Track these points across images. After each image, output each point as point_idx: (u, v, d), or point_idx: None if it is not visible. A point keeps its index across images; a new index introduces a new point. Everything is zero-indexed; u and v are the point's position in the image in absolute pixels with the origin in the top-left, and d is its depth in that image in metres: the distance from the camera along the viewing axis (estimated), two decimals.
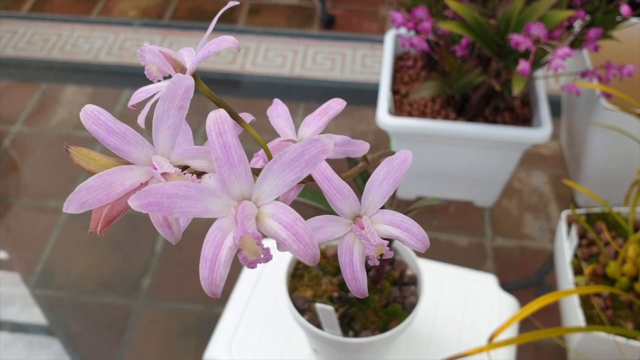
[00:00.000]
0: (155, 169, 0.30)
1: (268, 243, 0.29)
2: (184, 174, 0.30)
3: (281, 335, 0.73)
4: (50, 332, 0.99)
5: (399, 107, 1.04)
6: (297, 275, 0.64)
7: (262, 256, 0.27)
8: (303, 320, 0.59)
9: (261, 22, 1.66)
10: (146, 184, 0.30)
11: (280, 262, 0.66)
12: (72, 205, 0.29)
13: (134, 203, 0.27)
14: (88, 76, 1.49)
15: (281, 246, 0.30)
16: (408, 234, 0.34)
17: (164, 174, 0.29)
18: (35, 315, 1.01)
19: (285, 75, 1.47)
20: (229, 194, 0.29)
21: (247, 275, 0.80)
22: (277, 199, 0.29)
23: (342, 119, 1.35)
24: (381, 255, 0.33)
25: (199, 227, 0.73)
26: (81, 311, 1.01)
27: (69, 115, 1.38)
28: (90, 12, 1.70)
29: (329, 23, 1.64)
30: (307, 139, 0.29)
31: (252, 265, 0.27)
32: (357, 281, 0.34)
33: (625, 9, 0.80)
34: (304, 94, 1.44)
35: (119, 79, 1.48)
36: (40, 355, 0.96)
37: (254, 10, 1.71)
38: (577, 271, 0.80)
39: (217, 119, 0.29)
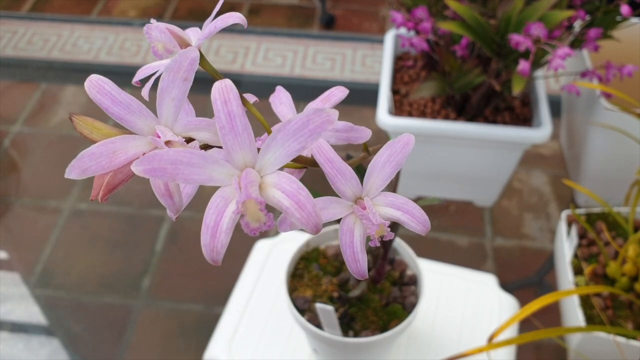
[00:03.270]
0: (159, 137, 0.30)
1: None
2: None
3: (281, 335, 0.73)
4: (50, 332, 0.99)
5: (399, 107, 1.04)
6: (297, 275, 0.64)
7: (265, 222, 0.27)
8: (303, 320, 0.59)
9: (261, 22, 1.66)
10: None
11: (281, 262, 0.66)
12: (74, 170, 0.29)
13: (137, 168, 0.26)
14: (88, 76, 1.49)
15: (282, 224, 0.29)
16: (409, 216, 0.34)
17: (167, 143, 0.29)
18: (35, 315, 1.01)
19: (285, 75, 1.47)
20: (233, 163, 0.29)
21: (247, 275, 0.80)
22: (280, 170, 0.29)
23: (342, 119, 1.34)
24: (382, 237, 0.33)
25: (199, 227, 0.73)
26: (81, 311, 1.01)
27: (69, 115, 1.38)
28: (90, 12, 1.70)
29: (329, 23, 1.64)
30: (312, 109, 0.29)
31: (254, 232, 0.27)
32: (358, 262, 0.34)
33: (625, 9, 0.80)
34: (304, 94, 1.44)
35: (119, 79, 1.47)
36: (40, 355, 0.96)
37: (254, 10, 1.71)
38: (577, 271, 0.80)
39: (223, 88, 0.28)
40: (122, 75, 1.48)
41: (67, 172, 0.29)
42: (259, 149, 0.30)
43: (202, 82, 0.41)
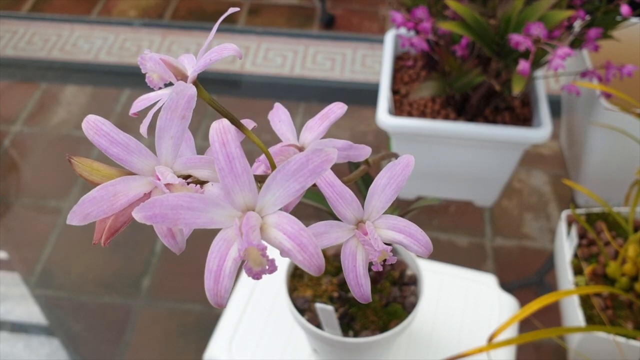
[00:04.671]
0: (159, 179, 0.30)
1: (271, 251, 0.28)
2: (188, 183, 0.30)
3: (281, 335, 0.73)
4: (50, 332, 0.99)
5: (399, 107, 1.04)
6: (297, 275, 0.64)
7: (267, 267, 0.27)
8: (303, 320, 0.59)
9: (261, 22, 1.66)
10: (150, 194, 0.30)
11: (281, 262, 0.66)
12: (75, 217, 0.29)
13: (138, 215, 0.27)
14: (88, 76, 1.49)
15: (284, 254, 0.29)
16: (411, 239, 0.34)
17: (167, 185, 0.29)
18: (35, 315, 1.01)
19: (285, 75, 1.47)
20: (233, 204, 0.29)
21: (246, 275, 0.80)
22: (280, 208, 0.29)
23: (342, 119, 1.34)
24: (384, 260, 0.33)
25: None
26: (81, 311, 1.01)
27: (69, 115, 1.38)
28: (90, 12, 1.70)
29: (329, 23, 1.64)
30: (311, 149, 0.29)
31: (257, 277, 0.27)
32: (361, 287, 0.34)
33: (625, 9, 0.80)
34: (304, 94, 1.44)
35: (119, 79, 1.48)
36: (40, 355, 0.96)
37: (254, 10, 1.71)
38: (577, 271, 0.80)
39: (220, 129, 0.28)
40: (122, 75, 1.48)
41: (68, 219, 0.29)
42: (258, 177, 0.29)
43: (203, 82, 0.41)
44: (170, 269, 1.07)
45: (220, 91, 1.43)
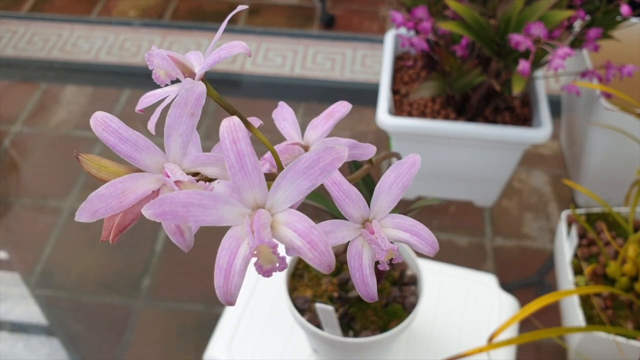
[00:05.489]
0: (168, 176, 0.29)
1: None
2: (197, 181, 0.30)
3: (281, 335, 0.73)
4: (50, 332, 0.99)
5: (399, 107, 1.04)
6: (297, 275, 0.64)
7: (278, 265, 0.27)
8: (303, 320, 0.59)
9: (261, 22, 1.66)
10: (158, 191, 0.30)
11: None
12: (84, 214, 0.29)
13: (148, 212, 0.26)
14: (88, 76, 1.49)
15: (291, 251, 0.29)
16: (418, 239, 0.34)
17: (176, 182, 0.29)
18: (35, 315, 1.01)
19: (285, 75, 1.47)
20: (243, 202, 0.29)
21: (247, 275, 0.80)
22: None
23: (342, 119, 1.35)
24: (391, 260, 0.33)
25: (200, 226, 0.72)
26: (81, 311, 1.01)
27: (69, 115, 1.38)
28: (90, 12, 1.70)
29: (329, 23, 1.64)
30: (322, 147, 0.28)
31: (267, 274, 0.27)
32: (367, 286, 0.34)
33: (625, 9, 0.80)
34: (304, 94, 1.44)
35: (119, 79, 1.48)
36: (40, 355, 0.96)
37: (254, 10, 1.71)
38: (577, 271, 0.80)
39: (231, 126, 0.28)
40: (122, 75, 1.48)
41: (77, 216, 0.29)
42: (266, 175, 0.29)
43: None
44: (170, 269, 1.07)
45: (220, 91, 1.42)
